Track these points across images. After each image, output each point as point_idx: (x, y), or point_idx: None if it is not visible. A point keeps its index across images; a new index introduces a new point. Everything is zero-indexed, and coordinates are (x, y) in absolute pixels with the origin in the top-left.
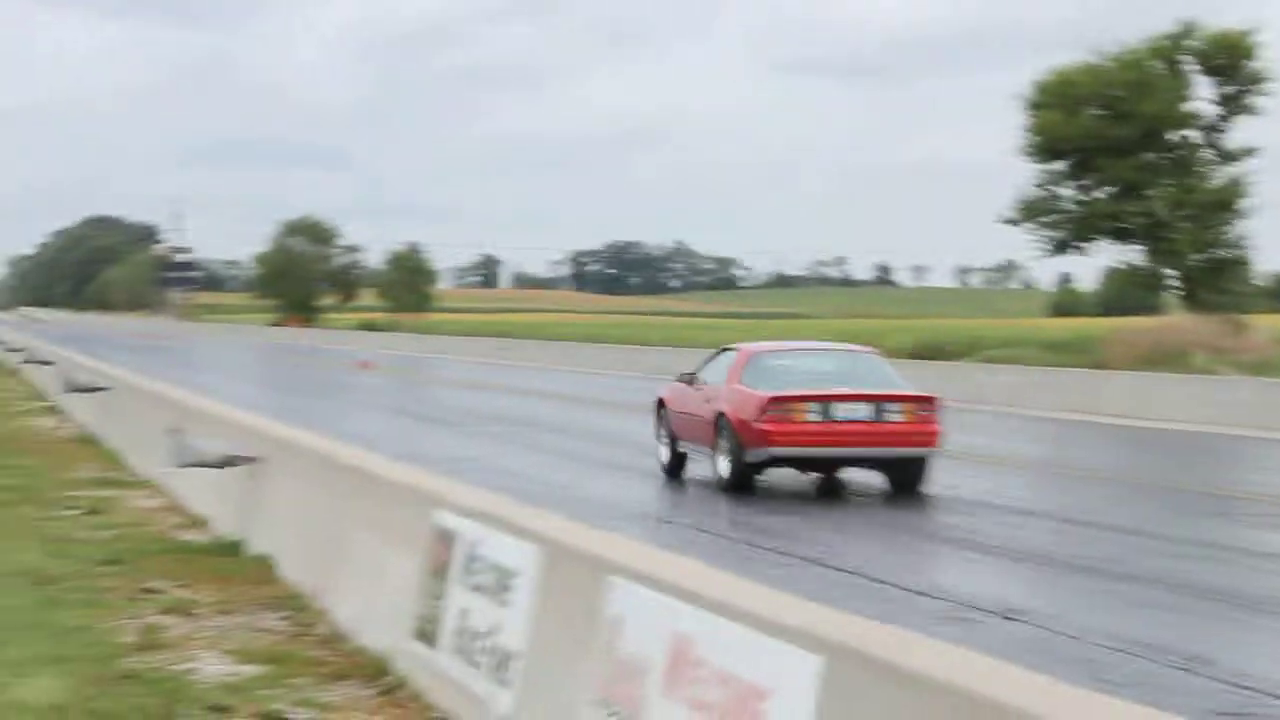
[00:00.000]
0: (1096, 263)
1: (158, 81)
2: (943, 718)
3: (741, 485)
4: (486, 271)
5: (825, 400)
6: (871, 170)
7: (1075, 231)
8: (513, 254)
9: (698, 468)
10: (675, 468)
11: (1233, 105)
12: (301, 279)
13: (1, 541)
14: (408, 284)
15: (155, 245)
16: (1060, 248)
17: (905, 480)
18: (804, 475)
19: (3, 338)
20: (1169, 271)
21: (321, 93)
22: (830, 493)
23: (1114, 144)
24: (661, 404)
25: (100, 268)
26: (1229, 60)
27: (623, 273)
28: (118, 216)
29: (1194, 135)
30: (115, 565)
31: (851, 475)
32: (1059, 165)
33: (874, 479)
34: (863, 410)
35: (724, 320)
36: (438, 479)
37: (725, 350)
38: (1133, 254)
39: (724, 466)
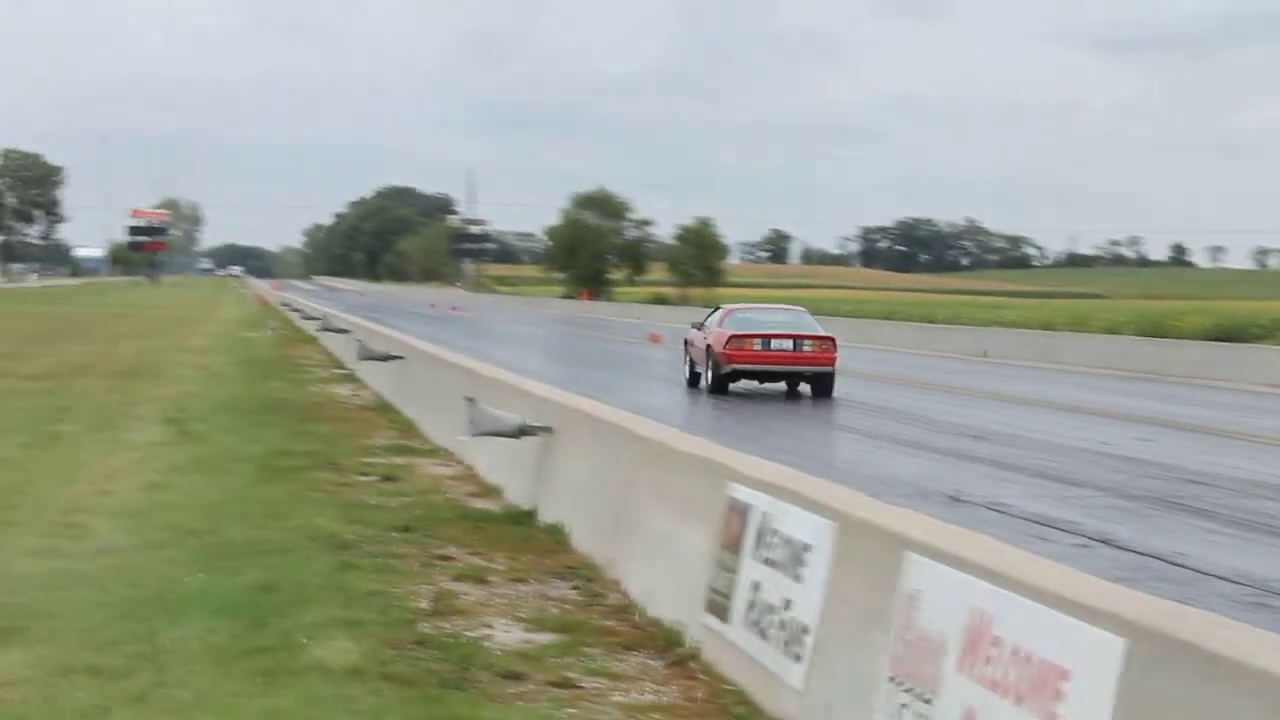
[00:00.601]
0: None
1: (456, 53)
2: (1256, 705)
3: (719, 389)
4: (776, 247)
5: (765, 337)
6: (1169, 148)
7: None
8: (802, 229)
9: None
10: (693, 381)
11: None
12: (592, 252)
13: (300, 507)
14: (698, 258)
15: (450, 216)
16: None
17: (819, 388)
18: (760, 385)
19: (300, 306)
20: None
21: (618, 63)
22: (1111, 476)
23: None
24: (686, 342)
25: (395, 238)
26: None
27: (912, 250)
28: (414, 187)
29: None
30: (409, 532)
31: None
32: None
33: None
34: (788, 343)
35: (1013, 299)
36: (730, 452)
37: (718, 308)
38: None
39: (709, 377)
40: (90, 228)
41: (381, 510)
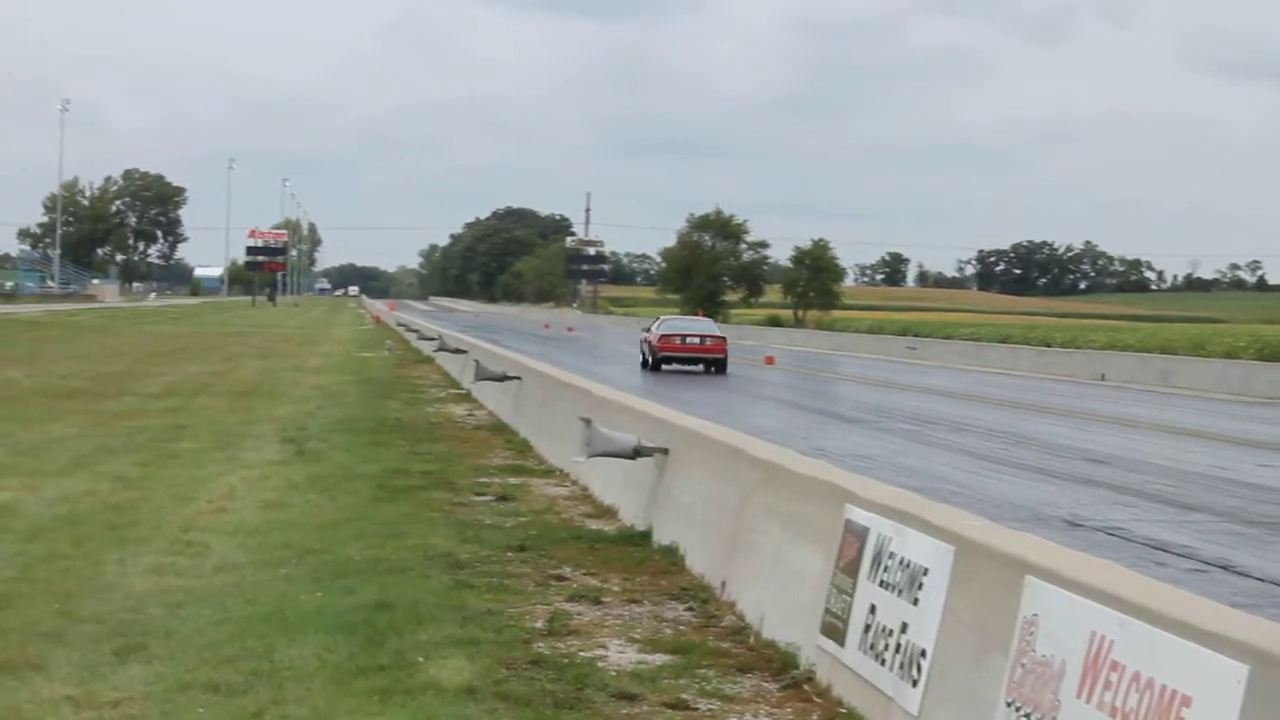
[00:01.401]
0: None
1: (575, 76)
2: None
3: (655, 368)
4: (892, 269)
5: (683, 336)
6: None
7: None
8: (917, 252)
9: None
10: (644, 365)
11: None
12: (708, 274)
13: (416, 526)
14: (813, 280)
15: (567, 237)
16: None
17: (718, 369)
18: (685, 368)
19: (417, 326)
20: None
21: (737, 86)
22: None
23: None
24: (642, 340)
25: (511, 259)
26: None
27: (1029, 273)
28: (531, 209)
29: None
30: (524, 552)
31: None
32: None
33: None
34: (696, 340)
35: (1130, 323)
36: (848, 474)
37: (658, 318)
38: None
39: (651, 361)
40: (212, 247)
41: (497, 530)
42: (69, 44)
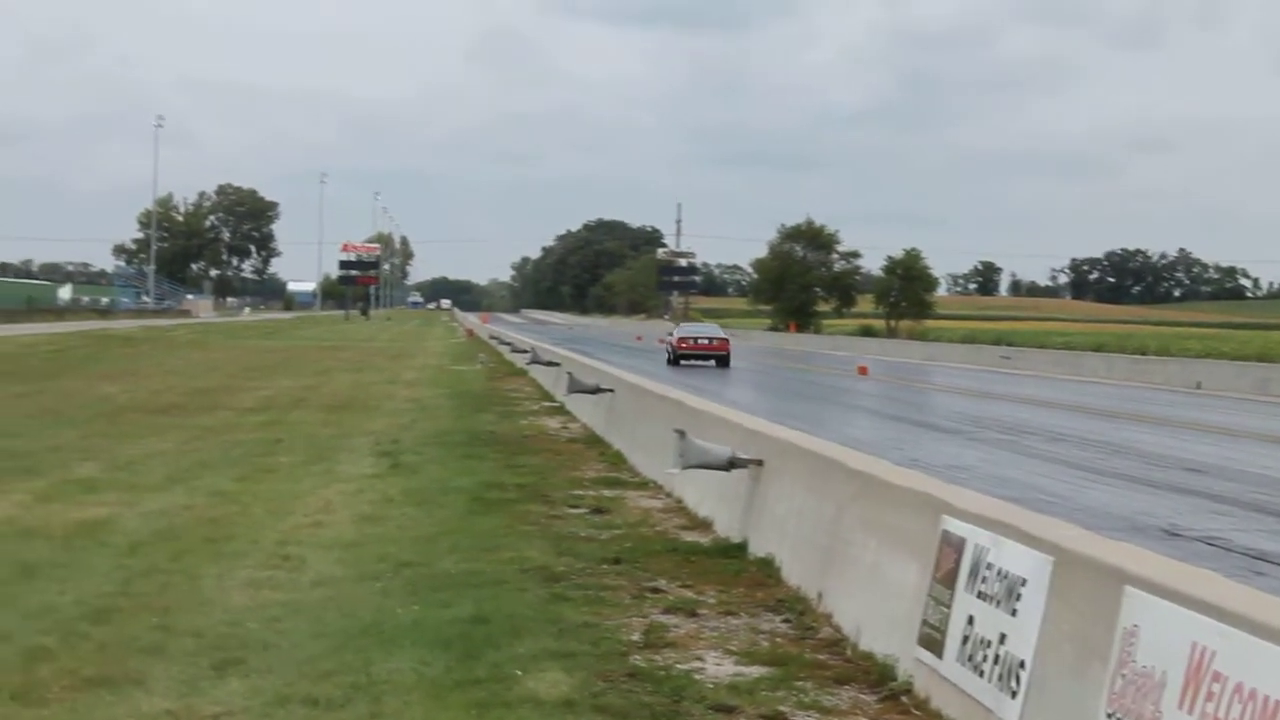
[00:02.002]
0: None
1: (665, 87)
2: None
3: (675, 363)
4: (984, 279)
5: (695, 338)
6: None
7: None
8: (1010, 261)
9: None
10: (667, 361)
11: None
12: (799, 284)
13: (511, 539)
14: (905, 290)
15: (658, 249)
16: None
17: (722, 363)
18: (699, 364)
19: (510, 339)
20: None
21: (828, 96)
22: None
23: None
24: (666, 342)
25: (603, 271)
26: None
27: (1123, 281)
28: (621, 220)
29: None
30: (619, 564)
31: None
32: None
33: None
34: (705, 341)
35: (1225, 330)
36: (944, 485)
37: (678, 324)
38: None
39: (672, 356)
40: (304, 262)
41: (592, 543)
42: (161, 62)
